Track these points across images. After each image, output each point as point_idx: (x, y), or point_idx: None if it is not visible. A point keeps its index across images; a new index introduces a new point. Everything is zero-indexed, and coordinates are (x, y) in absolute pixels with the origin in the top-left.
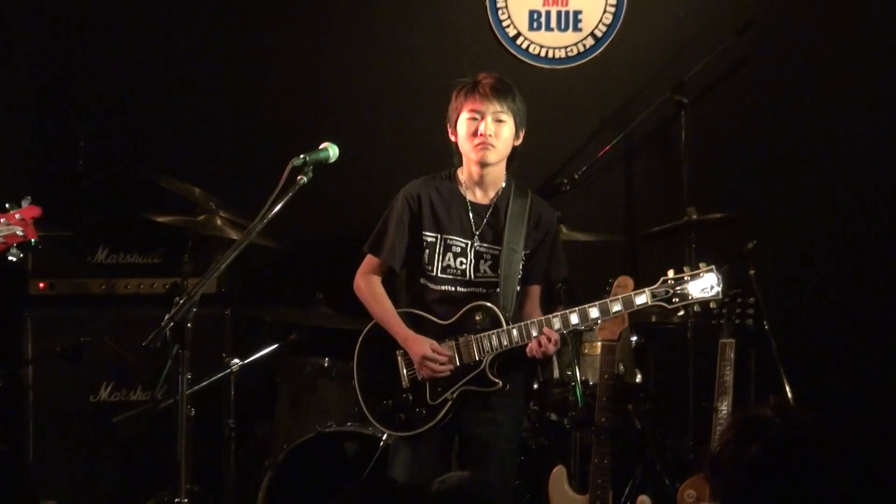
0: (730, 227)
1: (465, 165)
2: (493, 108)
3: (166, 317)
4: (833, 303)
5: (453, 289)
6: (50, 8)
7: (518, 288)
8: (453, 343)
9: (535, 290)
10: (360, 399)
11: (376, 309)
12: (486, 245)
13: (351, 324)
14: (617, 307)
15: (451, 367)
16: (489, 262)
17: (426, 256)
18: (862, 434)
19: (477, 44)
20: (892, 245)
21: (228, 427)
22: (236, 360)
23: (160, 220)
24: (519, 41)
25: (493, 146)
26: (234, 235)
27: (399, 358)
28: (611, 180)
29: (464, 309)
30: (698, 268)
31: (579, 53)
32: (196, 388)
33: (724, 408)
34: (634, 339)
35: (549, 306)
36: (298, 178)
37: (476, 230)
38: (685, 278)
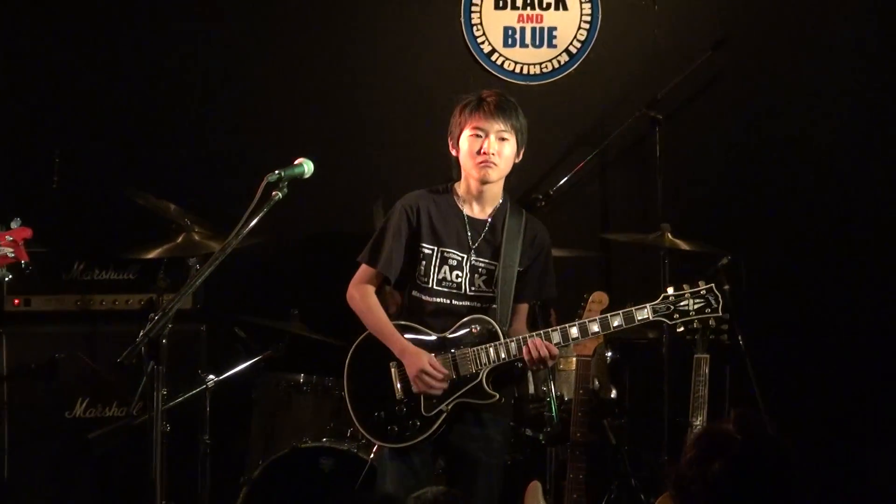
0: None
1: (464, 180)
2: (497, 126)
3: (141, 333)
4: (807, 317)
5: (448, 301)
6: (24, 24)
7: (511, 304)
8: (449, 356)
9: (524, 309)
10: (351, 410)
11: (371, 320)
12: (482, 260)
13: (327, 340)
14: (617, 321)
15: (446, 384)
16: (484, 277)
17: (422, 268)
18: (834, 447)
19: (452, 60)
20: (865, 260)
21: (204, 443)
22: (212, 376)
23: (143, 256)
24: (494, 57)
25: (495, 164)
26: (212, 249)
27: (393, 370)
28: (586, 196)
29: (460, 322)
30: (697, 285)
31: (554, 70)
32: (171, 403)
33: (699, 423)
34: (609, 354)
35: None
36: (273, 193)
37: (473, 244)
38: (686, 295)
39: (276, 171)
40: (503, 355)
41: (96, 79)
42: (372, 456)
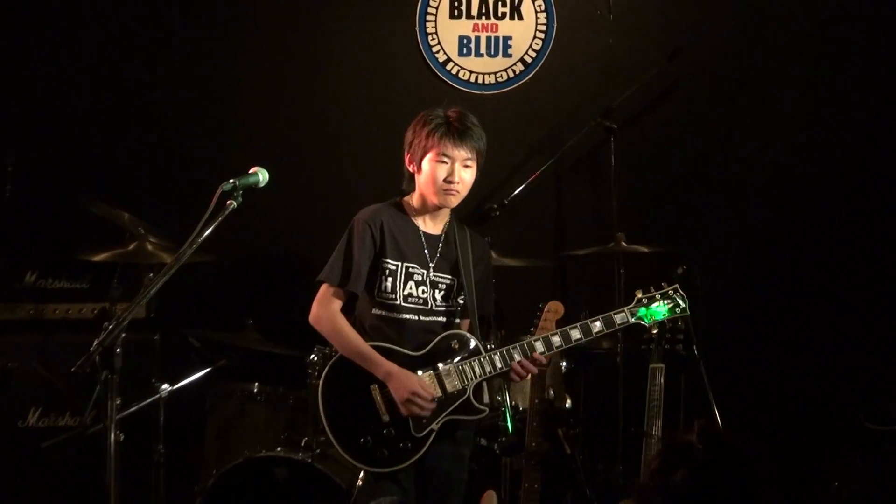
0: (659, 254)
1: (418, 196)
2: (463, 154)
3: (95, 342)
4: (762, 326)
5: (416, 318)
6: None
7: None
8: (431, 372)
9: (467, 325)
10: (332, 439)
11: (344, 343)
12: (440, 275)
13: (281, 349)
14: (598, 326)
15: (434, 404)
16: (442, 293)
17: (388, 285)
18: (789, 456)
19: (407, 69)
20: (822, 268)
21: (158, 453)
22: (165, 386)
23: (93, 259)
24: (449, 67)
25: (458, 192)
26: (164, 260)
27: (375, 393)
28: (540, 206)
29: (438, 338)
30: (662, 287)
31: (509, 79)
32: (125, 413)
33: (655, 432)
34: (564, 364)
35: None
36: (228, 202)
37: (431, 261)
38: (656, 297)
39: (231, 180)
40: (489, 369)
41: (50, 86)
42: (360, 483)
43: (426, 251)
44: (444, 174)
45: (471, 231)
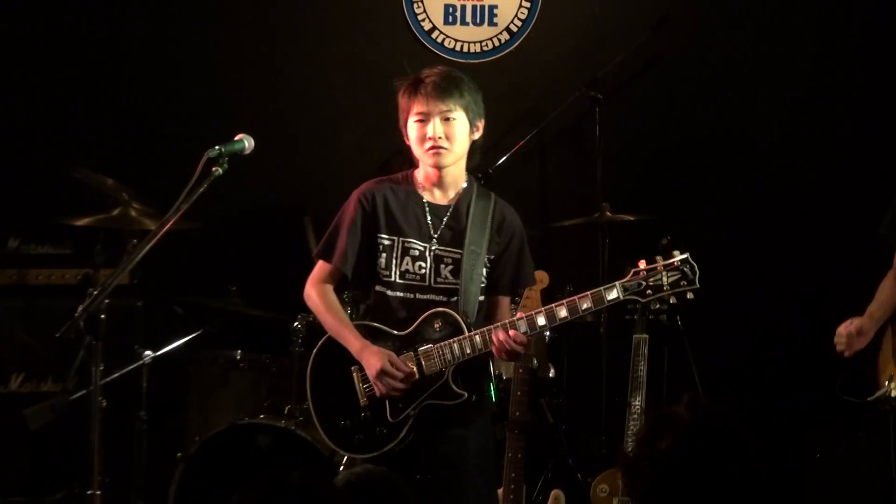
0: (644, 225)
1: (421, 167)
2: (439, 107)
3: (80, 308)
4: (745, 298)
5: (412, 296)
6: None
7: (482, 297)
8: (412, 354)
9: (504, 302)
10: (316, 421)
11: (328, 320)
12: (445, 248)
13: (264, 314)
14: (587, 304)
15: (407, 384)
16: (450, 267)
17: (383, 261)
18: (769, 428)
19: (392, 37)
20: (805, 240)
21: (140, 419)
22: (148, 352)
23: (76, 224)
24: (434, 35)
25: (444, 149)
26: (148, 226)
27: (354, 374)
28: (525, 175)
29: (421, 317)
30: (671, 256)
31: (494, 48)
32: (108, 379)
33: (638, 403)
34: (548, 333)
35: None
36: (213, 169)
37: (434, 233)
38: (658, 268)
39: (216, 147)
40: (468, 351)
41: (30, 50)
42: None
43: (430, 223)
44: (426, 132)
45: (499, 201)
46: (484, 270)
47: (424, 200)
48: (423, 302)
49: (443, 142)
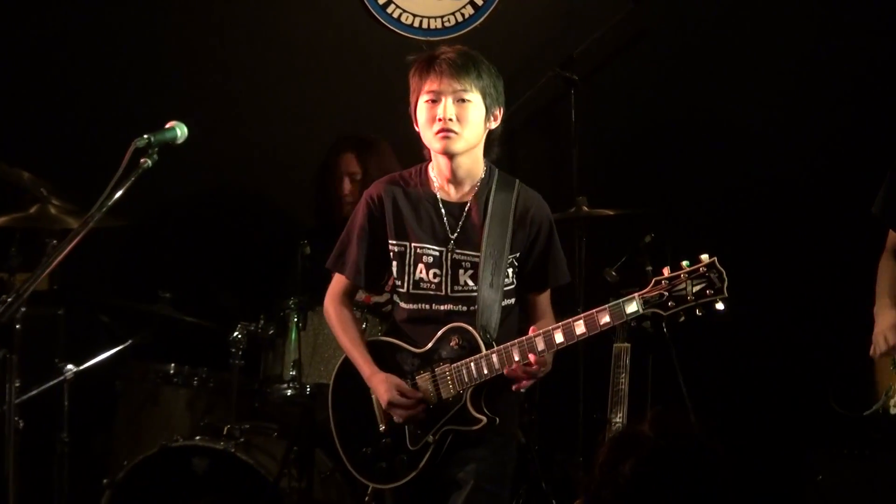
0: (624, 220)
1: (433, 159)
2: (454, 86)
3: None
4: (737, 301)
5: (428, 307)
6: None
7: (507, 301)
8: (428, 375)
9: (543, 299)
10: (339, 447)
11: (343, 342)
12: (463, 251)
13: (200, 322)
14: (605, 318)
15: (421, 409)
16: (470, 272)
17: (395, 270)
18: (758, 440)
19: (342, 12)
20: (795, 235)
21: (62, 441)
22: (70, 366)
23: None
24: (389, 10)
25: (455, 132)
26: (70, 224)
27: (374, 398)
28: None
29: (438, 333)
30: (699, 261)
31: (457, 24)
32: (25, 397)
33: (619, 419)
34: None
35: None
36: (142, 160)
37: (452, 235)
38: (681, 276)
39: (145, 136)
40: (485, 372)
41: None
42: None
43: (446, 224)
44: (435, 113)
45: (523, 191)
46: (510, 271)
47: (438, 198)
48: (440, 313)
49: (454, 125)
